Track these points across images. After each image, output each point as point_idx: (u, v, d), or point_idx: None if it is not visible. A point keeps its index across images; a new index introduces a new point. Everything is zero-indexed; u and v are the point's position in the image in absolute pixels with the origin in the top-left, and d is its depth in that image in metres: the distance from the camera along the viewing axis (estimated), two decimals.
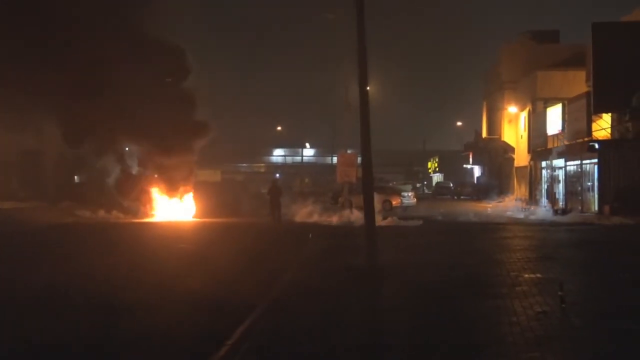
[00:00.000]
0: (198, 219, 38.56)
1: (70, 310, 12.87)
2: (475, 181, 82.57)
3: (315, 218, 36.77)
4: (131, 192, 41.03)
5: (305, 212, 37.79)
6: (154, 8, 39.35)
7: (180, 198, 40.89)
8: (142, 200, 40.97)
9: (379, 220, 29.97)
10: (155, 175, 41.63)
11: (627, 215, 31.95)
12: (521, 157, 61.60)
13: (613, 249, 22.67)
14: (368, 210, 17.78)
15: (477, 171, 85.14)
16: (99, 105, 37.31)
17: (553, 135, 48.70)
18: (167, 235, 29.53)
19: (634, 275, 16.60)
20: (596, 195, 38.15)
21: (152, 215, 40.10)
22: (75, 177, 53.70)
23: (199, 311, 12.81)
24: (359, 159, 20.38)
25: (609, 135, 39.76)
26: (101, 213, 40.01)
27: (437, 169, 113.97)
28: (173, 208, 40.57)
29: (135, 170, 42.53)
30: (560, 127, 46.77)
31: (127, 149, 43.76)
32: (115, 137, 40.69)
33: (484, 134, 75.69)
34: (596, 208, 37.40)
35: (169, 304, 13.54)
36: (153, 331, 11.43)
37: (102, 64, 36.41)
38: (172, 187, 40.70)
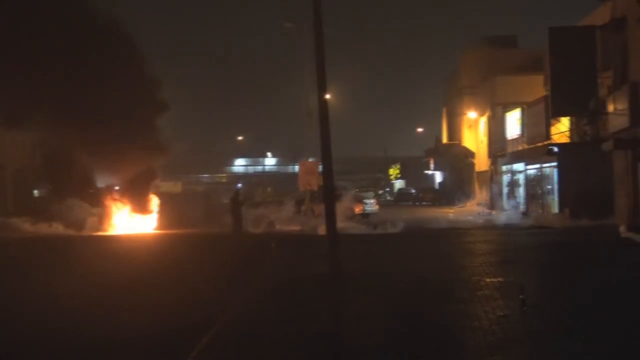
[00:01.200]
0: (159, 231, 38.22)
1: None
2: (437, 187, 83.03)
3: (278, 227, 36.65)
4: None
5: (268, 221, 37.64)
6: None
7: (140, 210, 40.17)
8: (95, 211, 40.07)
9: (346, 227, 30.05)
10: (109, 186, 40.85)
11: (587, 218, 32.23)
12: (482, 162, 62.06)
13: (573, 251, 22.85)
14: (329, 218, 17.72)
15: (438, 177, 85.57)
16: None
17: (513, 140, 49.14)
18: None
19: (594, 277, 16.74)
20: (556, 198, 38.48)
21: (105, 229, 39.17)
22: (35, 191, 52.93)
23: (160, 322, 12.67)
24: (321, 167, 20.37)
25: (567, 139, 40.14)
26: (43, 226, 38.24)
27: (399, 176, 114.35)
28: (132, 220, 40.00)
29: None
30: (519, 132, 47.21)
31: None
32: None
33: (445, 140, 76.25)
34: (556, 211, 37.73)
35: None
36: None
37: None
38: (130, 198, 40.05)
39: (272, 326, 12.00)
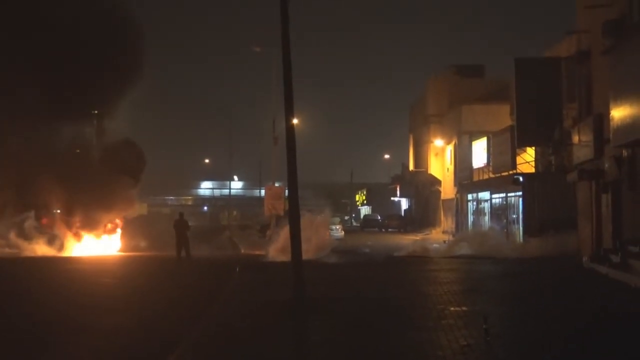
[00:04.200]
0: (123, 253, 37.84)
1: None
2: (403, 214, 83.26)
3: (243, 251, 36.46)
4: None
5: (233, 245, 37.50)
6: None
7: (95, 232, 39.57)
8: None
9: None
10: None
11: (551, 247, 32.34)
12: (448, 190, 62.36)
13: (536, 281, 22.97)
14: (294, 243, 17.63)
15: (404, 204, 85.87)
16: None
17: (479, 168, 49.47)
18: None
19: (556, 307, 16.81)
20: (521, 227, 38.68)
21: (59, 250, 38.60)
22: None
23: (119, 349, 12.53)
24: (287, 192, 20.37)
25: (533, 169, 40.49)
26: None
27: (365, 202, 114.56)
28: (95, 242, 39.49)
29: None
30: (485, 160, 47.53)
31: None
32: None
33: (411, 167, 76.49)
34: (521, 240, 37.92)
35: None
36: None
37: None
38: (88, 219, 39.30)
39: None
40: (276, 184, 45.07)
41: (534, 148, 40.37)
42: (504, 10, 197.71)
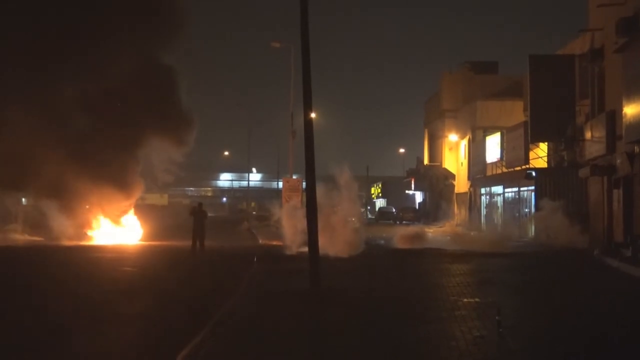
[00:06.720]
0: (143, 242, 38.27)
1: None
2: (417, 207, 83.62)
3: (261, 241, 36.79)
4: None
5: (251, 236, 37.85)
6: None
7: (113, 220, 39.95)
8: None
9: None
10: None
11: (563, 241, 32.61)
12: (461, 184, 62.67)
13: (548, 273, 23.14)
14: (311, 234, 17.95)
15: (419, 197, 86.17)
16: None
17: (492, 163, 49.80)
18: None
19: (568, 300, 17.05)
20: (533, 221, 38.99)
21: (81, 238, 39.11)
22: (23, 199, 52.43)
23: (140, 333, 13.03)
24: (304, 184, 20.59)
25: (545, 164, 40.82)
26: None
27: (380, 195, 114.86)
28: (116, 231, 39.97)
29: None
30: (499, 155, 47.88)
31: None
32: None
33: (426, 161, 76.79)
34: (533, 233, 38.26)
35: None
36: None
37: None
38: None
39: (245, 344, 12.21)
40: (294, 176, 45.52)
41: (546, 143, 40.72)
42: (517, 8, 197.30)
